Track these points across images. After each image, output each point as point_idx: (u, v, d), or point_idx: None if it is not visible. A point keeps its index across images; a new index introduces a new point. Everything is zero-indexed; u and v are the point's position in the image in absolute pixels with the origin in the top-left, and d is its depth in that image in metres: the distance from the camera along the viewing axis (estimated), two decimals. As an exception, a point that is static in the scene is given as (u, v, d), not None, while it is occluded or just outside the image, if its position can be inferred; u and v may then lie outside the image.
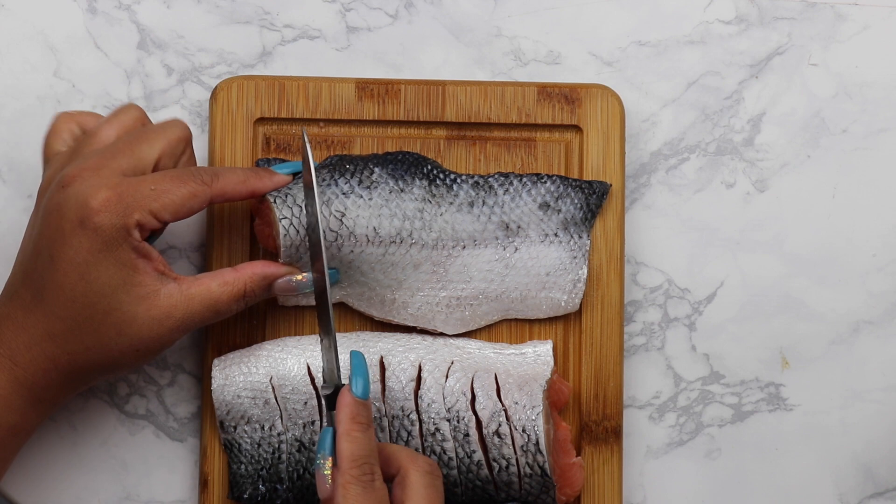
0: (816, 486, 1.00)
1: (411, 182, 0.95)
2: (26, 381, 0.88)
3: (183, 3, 1.00)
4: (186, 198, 0.88)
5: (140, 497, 0.98)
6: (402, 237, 0.94)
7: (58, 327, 0.87)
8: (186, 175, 0.89)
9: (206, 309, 0.89)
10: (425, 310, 0.96)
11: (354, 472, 0.84)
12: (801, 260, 1.01)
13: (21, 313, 0.88)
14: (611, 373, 0.97)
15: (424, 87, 0.98)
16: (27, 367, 0.88)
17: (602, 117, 0.98)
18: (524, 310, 0.97)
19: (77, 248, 0.86)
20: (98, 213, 0.86)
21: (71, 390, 0.90)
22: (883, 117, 1.01)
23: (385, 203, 0.94)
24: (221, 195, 0.90)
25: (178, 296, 0.88)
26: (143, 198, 0.87)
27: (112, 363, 0.88)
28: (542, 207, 0.97)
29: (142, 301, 0.87)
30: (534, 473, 0.94)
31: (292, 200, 0.92)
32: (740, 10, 1.02)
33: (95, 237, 0.86)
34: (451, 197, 0.96)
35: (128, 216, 0.86)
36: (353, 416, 0.85)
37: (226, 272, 0.91)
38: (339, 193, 0.94)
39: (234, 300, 0.90)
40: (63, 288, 0.87)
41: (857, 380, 1.01)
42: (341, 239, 0.93)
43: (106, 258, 0.86)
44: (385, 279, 0.95)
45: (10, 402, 0.88)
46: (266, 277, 0.92)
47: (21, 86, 1.00)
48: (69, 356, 0.88)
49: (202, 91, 1.00)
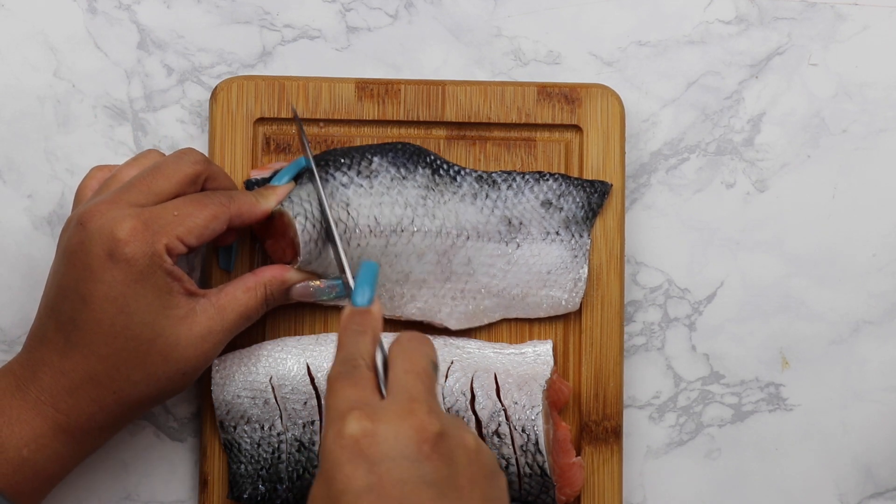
0: (816, 486, 1.00)
1: (414, 170, 0.95)
2: (69, 427, 0.87)
3: (183, 3, 1.00)
4: (209, 220, 0.88)
5: (140, 497, 0.98)
6: (403, 226, 0.94)
7: (100, 368, 0.86)
8: (204, 198, 0.89)
9: (238, 317, 0.90)
10: (431, 302, 0.96)
11: (337, 368, 0.81)
12: (801, 260, 1.01)
13: (57, 358, 0.87)
14: (611, 373, 0.97)
15: (424, 87, 0.98)
16: (70, 413, 0.86)
17: (602, 117, 0.98)
18: (525, 308, 0.97)
19: (111, 283, 0.85)
20: (127, 243, 0.85)
21: (115, 429, 0.89)
22: (883, 117, 1.01)
23: (386, 191, 0.94)
24: (238, 216, 0.90)
25: (211, 310, 0.88)
26: (167, 224, 0.87)
27: (159, 392, 0.88)
28: (545, 205, 0.97)
29: (182, 322, 0.87)
30: (533, 473, 0.94)
31: (299, 199, 0.93)
32: (740, 10, 1.02)
33: (129, 268, 0.85)
34: (455, 187, 0.96)
35: (157, 242, 0.86)
36: (346, 323, 0.83)
37: (246, 278, 0.91)
38: (339, 185, 0.94)
39: (260, 304, 0.91)
40: (101, 325, 0.86)
41: (857, 380, 1.01)
42: (349, 231, 0.93)
43: (143, 287, 0.86)
44: (392, 272, 0.95)
45: (51, 450, 0.87)
46: (284, 281, 0.92)
47: (21, 86, 1.00)
48: (115, 395, 0.87)
49: (202, 91, 1.00)
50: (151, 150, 0.93)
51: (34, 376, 0.87)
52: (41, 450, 0.86)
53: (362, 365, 0.80)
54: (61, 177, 0.99)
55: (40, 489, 0.88)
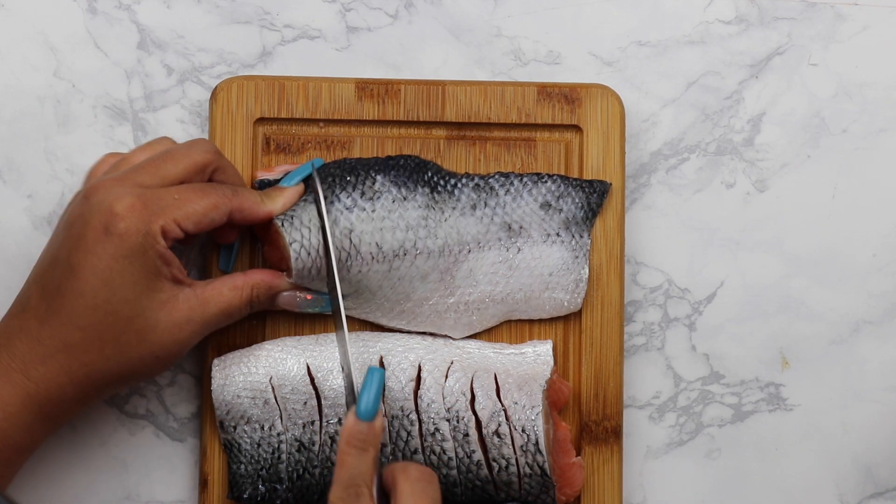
0: (816, 486, 1.00)
1: (414, 189, 0.95)
2: (38, 397, 0.87)
3: (183, 3, 1.00)
4: (209, 208, 0.89)
5: (140, 497, 0.98)
6: (405, 249, 0.94)
7: (76, 337, 0.87)
8: (208, 188, 0.90)
9: (220, 312, 0.90)
10: (434, 318, 0.96)
11: (339, 493, 0.85)
12: (801, 260, 1.01)
13: (35, 324, 0.87)
14: (611, 373, 0.97)
15: (424, 87, 0.98)
16: (40, 381, 0.87)
17: (602, 117, 0.98)
18: (528, 311, 0.97)
19: (101, 255, 0.86)
20: (123, 218, 0.86)
21: (84, 404, 0.89)
22: (883, 117, 1.01)
23: (388, 215, 0.94)
24: (240, 210, 0.90)
25: (194, 300, 0.89)
26: (166, 206, 0.87)
27: (130, 372, 0.88)
28: (544, 207, 0.97)
29: (163, 306, 0.88)
30: (533, 473, 0.94)
31: (300, 223, 0.92)
32: (740, 10, 1.02)
33: (121, 243, 0.86)
34: (454, 202, 0.96)
35: (153, 222, 0.86)
36: (348, 438, 0.86)
37: (235, 277, 0.92)
38: (343, 209, 0.94)
39: (244, 304, 0.91)
40: (84, 295, 0.86)
41: (857, 380, 1.01)
42: (350, 259, 0.93)
43: (131, 264, 0.86)
44: (393, 294, 0.95)
45: (19, 419, 0.87)
46: (272, 287, 0.93)
47: (21, 86, 1.00)
48: (86, 367, 0.87)
49: (202, 91, 1.00)
50: (165, 136, 0.94)
51: (8, 343, 0.87)
52: (9, 418, 0.87)
53: (365, 493, 0.84)
54: (61, 177, 0.99)
55: (11, 460, 0.88)
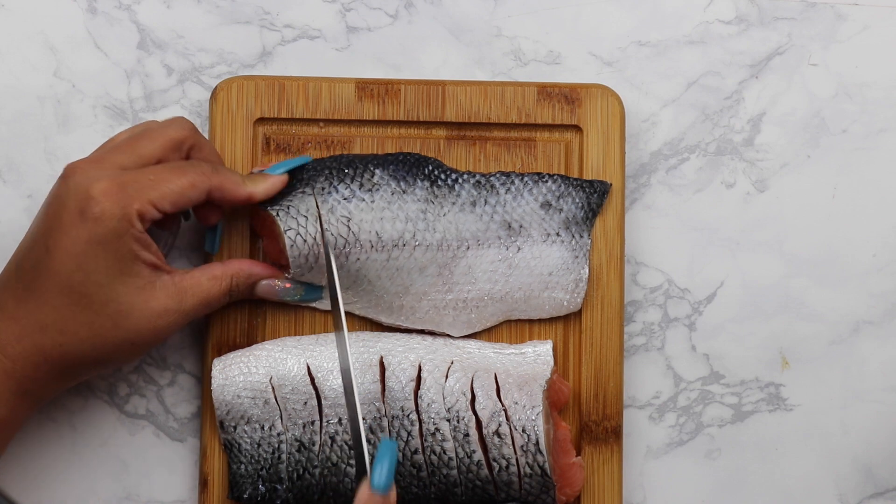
0: (816, 486, 1.00)
1: (413, 183, 0.95)
2: (15, 374, 0.88)
3: (183, 3, 1.00)
4: (186, 188, 0.89)
5: (140, 497, 0.99)
6: (405, 240, 0.94)
7: (50, 317, 0.87)
8: (186, 166, 0.90)
9: (198, 303, 0.90)
10: (433, 314, 0.96)
11: None
12: (801, 260, 1.01)
13: (12, 303, 0.88)
14: (611, 373, 0.97)
15: (424, 87, 0.98)
16: (16, 359, 0.88)
17: (602, 117, 0.98)
18: (527, 310, 0.97)
19: (75, 239, 0.86)
20: (99, 202, 0.86)
21: (61, 384, 0.90)
22: (883, 117, 1.01)
23: (387, 206, 0.94)
24: (220, 189, 0.90)
25: (172, 289, 0.89)
26: (142, 187, 0.87)
27: (105, 356, 0.89)
28: (544, 206, 0.97)
29: (139, 293, 0.88)
30: (534, 473, 0.94)
31: (295, 211, 0.93)
32: (740, 10, 1.02)
33: (96, 227, 0.86)
34: (454, 197, 0.96)
35: (129, 206, 0.87)
36: None
37: (214, 266, 0.92)
38: (341, 199, 0.94)
39: (223, 294, 0.92)
40: (59, 276, 0.87)
41: (857, 380, 1.01)
42: (349, 246, 0.93)
43: (105, 249, 0.87)
44: (392, 286, 0.95)
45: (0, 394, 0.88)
46: (251, 276, 0.93)
47: (21, 86, 1.00)
48: (61, 348, 0.88)
49: (202, 91, 1.00)
50: (150, 120, 0.94)
51: None
52: None
53: None
54: (61, 177, 0.99)
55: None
